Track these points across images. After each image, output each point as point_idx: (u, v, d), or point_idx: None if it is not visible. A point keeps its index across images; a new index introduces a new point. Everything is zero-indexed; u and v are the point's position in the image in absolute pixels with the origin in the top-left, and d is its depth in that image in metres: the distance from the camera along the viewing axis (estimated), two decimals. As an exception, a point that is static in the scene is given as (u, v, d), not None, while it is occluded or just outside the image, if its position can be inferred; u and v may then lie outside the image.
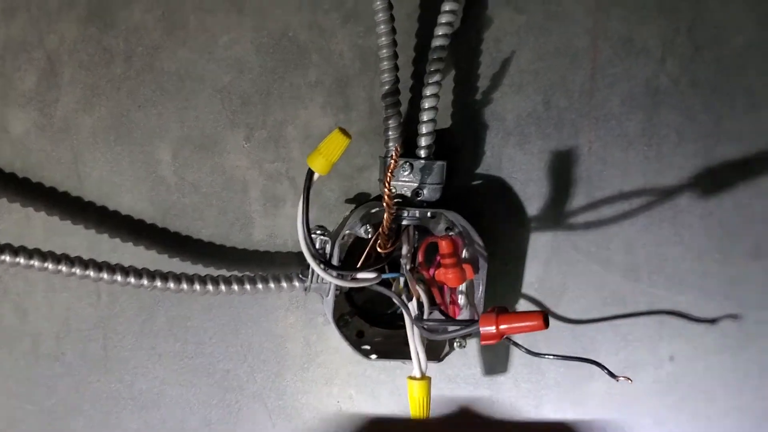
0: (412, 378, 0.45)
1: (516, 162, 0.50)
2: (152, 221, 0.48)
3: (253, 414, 0.51)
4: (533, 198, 0.51)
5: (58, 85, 0.47)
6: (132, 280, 0.45)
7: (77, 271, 0.44)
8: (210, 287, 0.46)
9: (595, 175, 0.51)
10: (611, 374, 0.46)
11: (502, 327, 0.38)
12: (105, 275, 0.45)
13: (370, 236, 0.47)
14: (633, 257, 0.52)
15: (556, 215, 0.51)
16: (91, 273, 0.44)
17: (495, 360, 0.53)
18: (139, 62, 0.47)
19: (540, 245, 0.51)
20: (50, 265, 0.43)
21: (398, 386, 0.52)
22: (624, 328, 0.53)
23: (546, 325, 0.37)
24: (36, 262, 0.43)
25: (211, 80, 0.47)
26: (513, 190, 0.51)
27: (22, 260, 0.43)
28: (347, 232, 0.46)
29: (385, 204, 0.44)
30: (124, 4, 0.47)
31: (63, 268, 0.44)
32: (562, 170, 0.51)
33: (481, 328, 0.38)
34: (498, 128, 0.50)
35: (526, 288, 0.52)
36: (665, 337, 0.53)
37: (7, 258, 0.43)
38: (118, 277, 0.45)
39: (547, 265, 0.52)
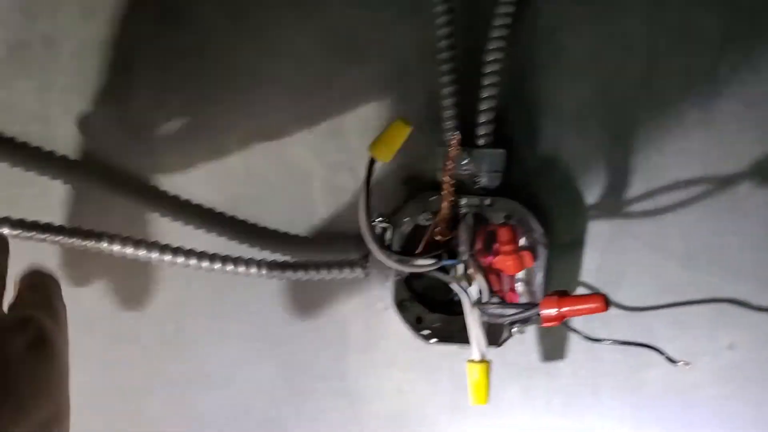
0: (471, 361, 0.47)
1: (574, 150, 0.51)
2: (222, 209, 0.51)
3: (318, 395, 0.53)
4: (591, 186, 0.51)
5: (133, 81, 0.49)
6: (204, 264, 0.47)
7: (155, 255, 0.47)
8: (275, 272, 0.48)
9: (653, 164, 0.51)
10: (670, 359, 0.46)
11: (563, 309, 0.39)
12: (178, 260, 0.47)
13: (429, 223, 0.48)
14: (691, 246, 0.52)
15: (614, 203, 0.51)
16: (167, 258, 0.47)
17: (553, 346, 0.53)
18: (208, 59, 0.49)
19: (598, 233, 0.52)
20: (128, 250, 0.46)
21: (457, 372, 0.53)
22: (682, 316, 0.53)
23: (607, 306, 0.38)
24: (115, 247, 0.46)
25: (276, 75, 0.49)
26: (571, 179, 0.51)
27: (104, 245, 0.46)
28: (406, 219, 0.48)
29: (444, 191, 0.45)
30: (195, 1, 0.49)
31: (140, 252, 0.46)
32: (620, 159, 0.51)
33: (542, 311, 0.39)
34: (557, 117, 0.50)
35: (585, 276, 0.53)
36: (724, 325, 0.53)
37: (90, 243, 0.46)
38: (192, 262, 0.47)
39: (604, 253, 0.52)
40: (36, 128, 0.49)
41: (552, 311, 0.39)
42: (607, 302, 0.38)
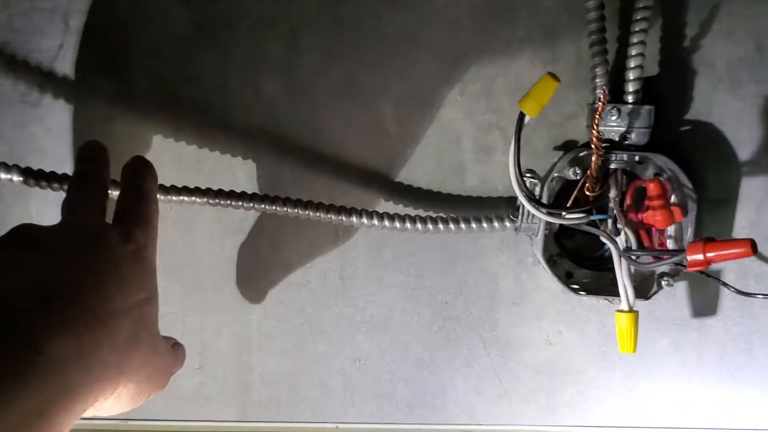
0: (620, 311, 0.48)
1: (727, 107, 0.50)
2: (378, 169, 0.54)
3: (470, 342, 0.56)
4: (745, 143, 0.51)
5: (299, 53, 0.54)
6: (364, 221, 0.51)
7: (320, 215, 0.51)
8: (429, 226, 0.52)
9: (815, 118, 0.50)
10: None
11: (709, 254, 0.39)
12: (340, 217, 0.51)
13: (578, 178, 0.49)
14: None
15: (769, 160, 0.51)
16: (329, 216, 0.51)
17: (704, 302, 0.53)
18: (366, 28, 0.53)
19: (752, 189, 0.51)
20: (300, 211, 0.51)
21: (606, 324, 0.54)
22: None
23: (755, 251, 0.38)
24: (288, 209, 0.51)
25: (428, 41, 0.52)
26: (724, 135, 0.51)
27: (278, 208, 0.51)
28: (556, 174, 0.50)
29: (593, 147, 0.46)
30: (353, -22, 0.53)
31: (310, 213, 0.51)
32: (776, 114, 0.50)
33: (688, 256, 0.40)
34: (707, 74, 0.50)
35: (738, 232, 0.52)
36: None
37: (267, 206, 0.51)
38: (354, 219, 0.52)
39: (759, 209, 0.51)
40: (218, 97, 0.54)
41: (698, 256, 0.39)
42: (754, 247, 0.38)
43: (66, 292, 0.35)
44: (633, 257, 0.45)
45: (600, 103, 0.45)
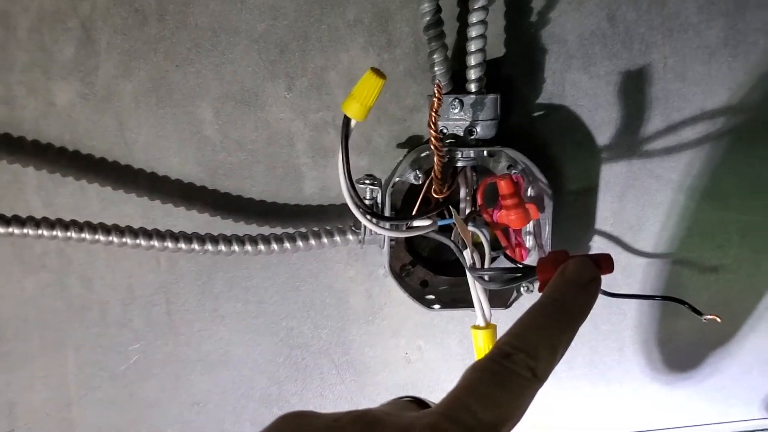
0: (476, 327, 0.43)
1: (581, 87, 0.46)
2: (202, 183, 0.47)
3: (321, 369, 0.51)
4: (603, 125, 0.47)
5: (96, 53, 0.46)
6: (187, 245, 0.45)
7: (139, 241, 0.45)
8: (262, 247, 0.45)
9: (673, 94, 0.46)
10: (696, 312, 0.42)
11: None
12: (162, 243, 0.45)
13: (421, 182, 0.44)
14: (721, 182, 0.47)
15: (630, 142, 0.47)
16: (150, 242, 0.45)
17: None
18: (172, 20, 0.45)
19: (614, 176, 0.47)
20: (114, 238, 0.45)
21: (467, 334, 0.50)
22: (714, 260, 0.48)
23: (611, 269, 0.34)
24: (100, 236, 0.44)
25: (245, 31, 0.45)
26: (580, 119, 0.47)
27: (86, 235, 0.44)
28: (397, 179, 0.44)
29: (433, 147, 0.41)
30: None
31: (126, 240, 0.45)
32: (634, 92, 0.46)
33: (539, 278, 0.35)
34: (558, 52, 0.46)
35: (601, 224, 0.48)
36: (763, 267, 0.48)
37: (73, 234, 0.44)
38: (174, 244, 0.45)
39: (622, 197, 0.48)
40: (0, 112, 0.46)
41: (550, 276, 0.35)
42: (612, 264, 0.33)
43: None
44: (481, 276, 0.40)
45: (435, 98, 0.39)
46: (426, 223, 0.43)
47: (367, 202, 0.43)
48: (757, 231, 0.48)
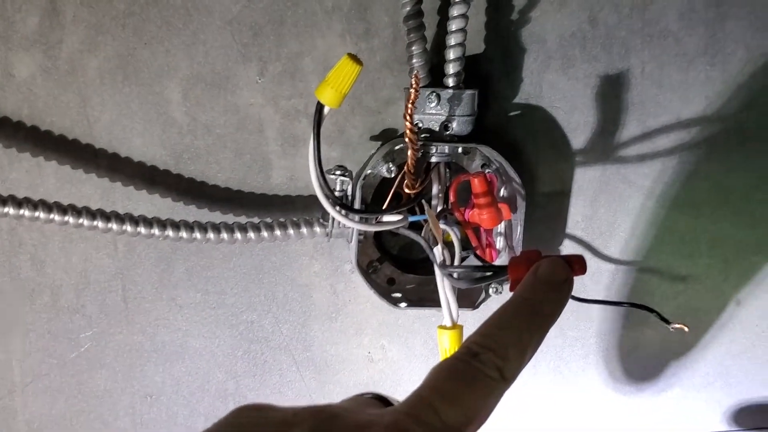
0: (442, 327, 0.42)
1: (559, 89, 0.45)
2: (165, 166, 0.46)
3: (280, 366, 0.49)
4: (579, 128, 0.46)
5: (61, 25, 0.44)
6: (147, 230, 0.43)
7: (96, 223, 0.43)
8: (225, 236, 0.44)
9: (650, 101, 0.45)
10: (664, 320, 0.41)
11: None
12: (120, 227, 0.43)
13: (393, 176, 0.43)
14: (694, 191, 0.47)
15: (605, 147, 0.46)
16: (107, 225, 0.43)
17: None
18: (141, -6, 0.44)
19: (587, 180, 0.47)
20: (70, 219, 0.43)
21: (432, 335, 0.49)
22: (683, 269, 0.48)
23: (583, 270, 0.33)
24: (55, 216, 0.42)
25: (219, 11, 0.44)
26: (556, 121, 0.46)
27: (40, 214, 0.42)
28: (369, 171, 0.43)
29: (407, 140, 0.40)
30: (123, -69, 0.43)
31: (83, 221, 0.43)
32: (611, 96, 0.45)
33: (510, 278, 0.34)
34: (537, 51, 0.45)
35: (572, 228, 0.48)
36: (731, 278, 0.48)
37: (26, 212, 0.42)
38: (134, 228, 0.43)
39: (594, 202, 0.47)
40: (-46, 82, 0.44)
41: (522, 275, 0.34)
42: (585, 266, 0.33)
43: None
44: (451, 274, 0.39)
45: (412, 90, 0.38)
46: (397, 218, 0.42)
47: (336, 193, 0.42)
48: (727, 241, 0.48)
